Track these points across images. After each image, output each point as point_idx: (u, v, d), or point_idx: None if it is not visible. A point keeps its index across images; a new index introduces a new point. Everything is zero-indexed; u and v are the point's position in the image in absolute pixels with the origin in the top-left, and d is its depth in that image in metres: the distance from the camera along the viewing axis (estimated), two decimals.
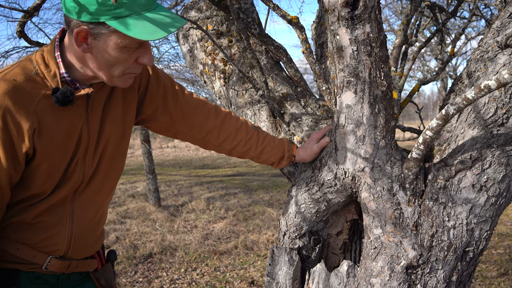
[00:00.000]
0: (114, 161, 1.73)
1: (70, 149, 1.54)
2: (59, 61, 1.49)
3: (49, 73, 1.48)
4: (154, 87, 1.80)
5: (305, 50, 2.01)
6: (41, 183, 1.51)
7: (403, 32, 2.44)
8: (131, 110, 1.74)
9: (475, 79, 1.77)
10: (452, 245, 1.67)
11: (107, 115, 1.64)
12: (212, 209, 9.04)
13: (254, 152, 1.97)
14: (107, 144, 1.66)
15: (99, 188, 1.69)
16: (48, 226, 1.58)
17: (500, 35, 1.70)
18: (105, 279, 1.83)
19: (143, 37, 1.37)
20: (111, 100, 1.66)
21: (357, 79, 1.69)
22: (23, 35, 2.14)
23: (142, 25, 1.38)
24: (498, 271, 5.18)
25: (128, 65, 1.49)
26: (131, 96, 1.73)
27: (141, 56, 1.50)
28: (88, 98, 1.55)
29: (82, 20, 1.37)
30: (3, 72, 1.46)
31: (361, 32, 1.63)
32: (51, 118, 1.47)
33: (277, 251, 1.97)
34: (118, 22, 1.37)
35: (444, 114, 1.51)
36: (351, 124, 1.75)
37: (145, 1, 1.40)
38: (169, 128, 1.89)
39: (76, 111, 1.53)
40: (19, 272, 1.59)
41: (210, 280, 5.39)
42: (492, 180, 1.66)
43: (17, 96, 1.41)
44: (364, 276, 1.75)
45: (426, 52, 15.69)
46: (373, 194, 1.75)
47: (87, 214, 1.67)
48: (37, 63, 1.48)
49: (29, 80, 1.45)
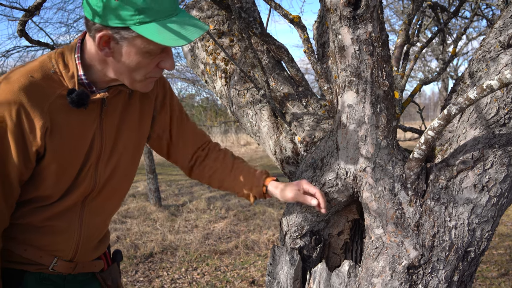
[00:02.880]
0: (128, 170, 1.72)
1: (81, 153, 1.53)
2: (78, 63, 1.48)
3: (67, 73, 1.47)
4: (167, 107, 1.81)
5: (307, 50, 2.01)
6: (50, 184, 1.50)
7: (405, 32, 2.44)
8: (146, 121, 1.74)
9: (477, 79, 1.76)
10: (453, 245, 1.67)
11: (124, 123, 1.63)
12: (213, 208, 9.04)
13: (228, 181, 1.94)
14: (123, 153, 1.65)
15: (110, 196, 1.69)
16: (56, 231, 1.58)
17: (502, 35, 1.69)
18: (111, 279, 1.83)
19: (168, 43, 1.36)
20: (128, 108, 1.65)
21: (359, 79, 1.68)
22: (24, 34, 2.14)
23: (167, 31, 1.36)
24: (498, 271, 5.18)
25: (149, 69, 1.48)
26: (148, 106, 1.72)
27: (163, 60, 1.49)
28: (102, 103, 1.54)
29: (105, 24, 1.36)
30: (21, 68, 1.45)
31: (363, 32, 1.63)
32: (63, 118, 1.46)
33: (278, 250, 1.97)
34: (143, 27, 1.35)
35: (446, 114, 1.51)
36: (352, 124, 1.74)
37: (169, 7, 1.39)
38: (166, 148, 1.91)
39: (89, 115, 1.52)
40: (24, 273, 1.59)
41: (210, 280, 5.39)
42: (494, 180, 1.66)
43: (33, 92, 1.40)
44: (366, 276, 1.75)
45: (427, 52, 15.68)
46: (374, 194, 1.74)
47: (96, 221, 1.67)
48: (56, 62, 1.48)
49: (46, 77, 1.45)
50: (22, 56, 19.95)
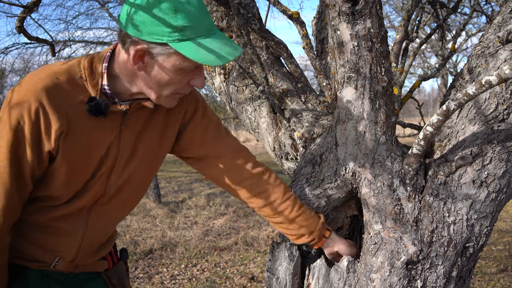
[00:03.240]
0: (140, 184, 1.72)
1: (94, 161, 1.53)
2: (104, 72, 1.47)
3: (91, 81, 1.47)
4: (198, 121, 1.75)
5: (306, 46, 2.01)
6: (59, 185, 1.50)
7: (404, 28, 2.44)
8: (169, 137, 1.70)
9: (476, 74, 1.76)
10: (452, 240, 1.68)
11: (144, 136, 1.62)
12: (212, 205, 9.05)
13: (288, 215, 1.80)
14: (138, 166, 1.64)
15: (119, 206, 1.68)
16: (60, 232, 1.58)
17: (501, 31, 1.69)
18: (117, 278, 1.81)
19: (206, 62, 1.36)
20: (150, 123, 1.63)
21: (357, 75, 1.68)
22: (22, 31, 2.14)
23: (205, 50, 1.36)
24: (497, 267, 5.19)
25: (180, 86, 1.48)
26: (172, 124, 1.69)
27: (194, 78, 1.48)
28: (124, 114, 1.53)
29: (143, 38, 1.35)
30: (49, 68, 1.46)
31: (362, 28, 1.63)
32: (81, 125, 1.46)
33: (277, 246, 1.97)
34: (181, 44, 1.35)
35: (445, 109, 1.51)
36: (351, 119, 1.74)
37: (208, 26, 1.39)
38: (200, 165, 1.82)
39: (108, 125, 1.52)
40: (27, 269, 1.60)
41: (210, 276, 5.40)
42: (493, 176, 1.66)
43: (54, 94, 1.40)
44: (364, 271, 1.75)
45: (426, 49, 15.66)
46: (373, 190, 1.75)
47: (101, 228, 1.66)
48: (83, 68, 1.47)
49: (71, 82, 1.45)
50: (21, 53, 19.89)
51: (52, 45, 2.50)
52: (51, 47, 2.52)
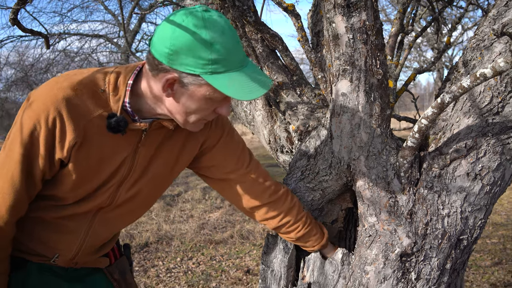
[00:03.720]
0: (150, 198, 1.72)
1: (105, 173, 1.53)
2: (127, 90, 1.46)
3: (114, 96, 1.46)
4: (221, 148, 1.74)
5: (301, 38, 2.00)
6: (67, 189, 1.51)
7: (399, 21, 2.43)
8: (186, 158, 1.70)
9: (471, 67, 1.76)
10: (446, 233, 1.68)
11: (159, 156, 1.61)
12: (208, 198, 9.05)
13: (296, 234, 1.84)
14: (149, 183, 1.64)
15: (125, 215, 1.69)
16: (63, 231, 1.59)
17: (496, 24, 1.69)
18: (118, 273, 1.82)
19: (237, 97, 1.35)
20: (168, 143, 1.62)
21: (352, 67, 1.68)
22: (16, 23, 2.12)
23: (237, 83, 1.35)
24: (492, 260, 5.21)
25: (206, 114, 1.47)
26: (192, 146, 1.68)
27: (221, 107, 1.47)
28: (143, 132, 1.53)
29: (175, 68, 1.34)
30: (73, 76, 1.45)
31: (357, 20, 1.63)
32: (97, 138, 1.46)
33: (272, 239, 1.98)
34: (213, 77, 1.34)
35: (439, 102, 1.52)
36: (346, 112, 1.74)
37: (240, 59, 1.39)
38: (218, 185, 1.82)
39: (125, 141, 1.51)
40: (27, 262, 1.61)
41: (206, 269, 5.41)
42: (487, 168, 1.67)
43: (75, 106, 1.40)
44: (359, 263, 1.76)
45: (422, 42, 15.68)
46: (368, 183, 1.75)
47: (104, 232, 1.67)
48: (108, 82, 1.46)
49: (94, 95, 1.44)
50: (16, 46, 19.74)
51: (47, 37, 2.48)
52: (46, 39, 2.50)
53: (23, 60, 15.23)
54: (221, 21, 1.35)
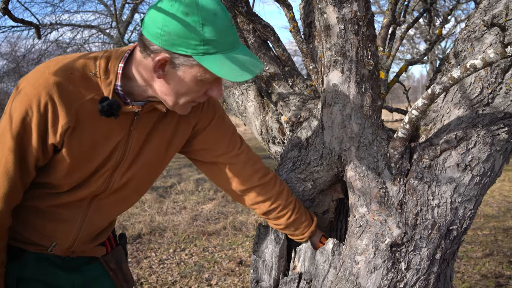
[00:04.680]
0: (145, 181, 1.72)
1: (98, 159, 1.52)
2: (119, 73, 1.46)
3: (105, 80, 1.45)
4: (213, 130, 1.74)
5: (293, 29, 2.00)
6: (60, 176, 1.50)
7: (391, 12, 2.43)
8: (179, 141, 1.70)
9: (461, 58, 1.77)
10: (436, 223, 1.69)
11: (152, 139, 1.61)
12: (201, 190, 9.06)
13: (287, 221, 1.84)
14: (143, 167, 1.63)
15: (120, 201, 1.69)
16: (59, 219, 1.59)
17: (487, 15, 1.70)
18: (114, 262, 1.82)
19: (228, 78, 1.35)
20: (161, 126, 1.62)
21: (344, 58, 1.68)
22: (7, 12, 2.10)
23: (228, 65, 1.35)
24: (483, 251, 5.25)
25: (197, 96, 1.47)
26: (184, 129, 1.68)
27: (211, 89, 1.47)
28: (135, 115, 1.52)
29: (167, 49, 1.34)
30: (64, 60, 1.45)
31: (348, 11, 1.63)
32: (90, 122, 1.45)
33: (263, 229, 1.98)
34: (205, 58, 1.34)
35: (430, 93, 1.52)
36: (337, 103, 1.75)
37: (232, 41, 1.38)
38: (209, 169, 1.82)
39: (118, 125, 1.51)
40: (24, 252, 1.61)
41: (198, 260, 5.42)
42: (477, 159, 1.68)
43: (66, 90, 1.40)
44: (349, 254, 1.77)
45: (415, 34, 15.68)
46: (358, 173, 1.75)
47: (100, 219, 1.67)
48: (99, 66, 1.46)
49: (85, 78, 1.44)
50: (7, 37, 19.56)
51: (38, 27, 2.46)
52: (37, 29, 2.48)
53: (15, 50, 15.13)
54: (214, 3, 1.35)
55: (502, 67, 1.63)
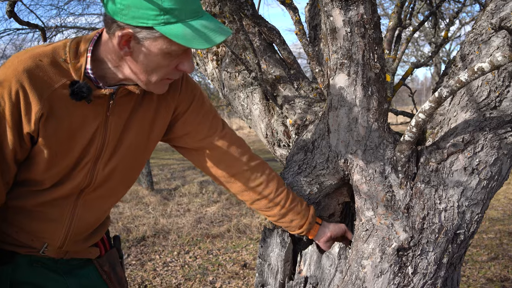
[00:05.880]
0: (130, 171, 1.69)
1: (78, 147, 1.50)
2: (88, 56, 1.45)
3: (75, 64, 1.44)
4: (193, 113, 1.71)
5: (299, 32, 1.99)
6: (42, 169, 1.49)
7: (397, 15, 2.43)
8: (160, 126, 1.67)
9: (468, 61, 1.76)
10: (443, 227, 1.68)
11: (131, 125, 1.59)
12: (205, 193, 9.06)
13: (280, 211, 1.79)
14: (125, 155, 1.61)
15: (107, 195, 1.67)
16: (46, 218, 1.57)
17: (494, 18, 1.69)
18: (108, 265, 1.80)
19: (192, 45, 1.33)
20: (140, 111, 1.60)
21: (350, 61, 1.68)
22: (13, 15, 2.11)
23: (191, 33, 1.33)
24: (488, 255, 5.23)
25: (168, 71, 1.46)
26: (164, 113, 1.66)
27: (182, 62, 1.46)
28: (110, 100, 1.51)
29: (128, 23, 1.33)
30: (33, 50, 1.44)
31: (354, 14, 1.62)
32: (64, 109, 1.44)
33: (269, 233, 1.97)
34: (167, 28, 1.32)
35: (437, 96, 1.51)
36: (344, 106, 1.74)
37: (195, 8, 1.37)
38: (194, 156, 1.79)
39: (93, 111, 1.49)
40: (16, 255, 1.59)
41: (202, 263, 5.41)
42: (484, 163, 1.67)
43: (36, 76, 1.39)
44: (356, 258, 1.76)
45: (420, 37, 15.65)
46: (365, 177, 1.75)
47: (89, 216, 1.64)
48: (69, 51, 1.45)
49: (55, 65, 1.43)
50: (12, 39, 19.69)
51: (43, 30, 2.47)
52: (42, 32, 2.49)
53: None
54: None
55: (509, 70, 1.62)
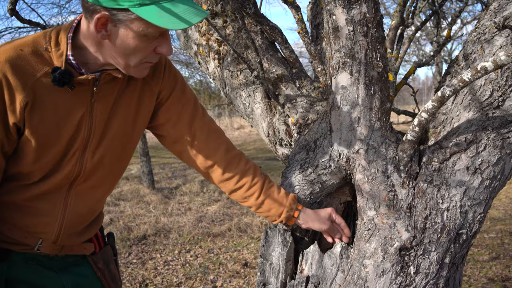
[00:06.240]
0: (119, 159, 1.69)
1: (65, 136, 1.50)
2: (68, 42, 1.45)
3: (57, 52, 1.45)
4: (175, 99, 1.73)
5: (301, 30, 1.99)
6: (30, 161, 1.49)
7: (400, 14, 2.42)
8: (145, 112, 1.68)
9: (471, 61, 1.75)
10: (445, 227, 1.68)
11: (117, 111, 1.59)
12: (206, 191, 9.06)
13: (256, 200, 1.81)
14: (113, 142, 1.61)
15: (98, 185, 1.66)
16: (38, 213, 1.56)
17: (497, 17, 1.68)
18: (102, 262, 1.80)
19: (168, 26, 1.34)
20: (124, 97, 1.60)
21: (353, 60, 1.67)
22: (14, 13, 2.11)
23: (167, 14, 1.34)
24: (489, 255, 5.23)
25: (146, 54, 1.46)
26: (148, 99, 1.67)
27: (160, 45, 1.46)
28: (94, 87, 1.51)
29: (104, 5, 1.33)
30: (16, 40, 1.44)
31: (357, 12, 1.62)
32: (48, 97, 1.44)
33: (270, 232, 1.97)
34: (142, 9, 1.33)
35: (440, 96, 1.51)
36: (346, 105, 1.74)
37: None
38: (175, 145, 1.80)
39: (78, 98, 1.49)
40: (10, 252, 1.58)
41: (203, 262, 5.41)
42: (487, 162, 1.66)
43: (18, 66, 1.39)
44: (357, 257, 1.75)
45: (421, 36, 15.65)
46: (367, 176, 1.74)
47: (81, 207, 1.64)
48: (49, 39, 1.45)
49: (36, 53, 1.43)
50: (14, 38, 19.73)
51: (45, 28, 2.47)
52: (44, 30, 2.49)
53: None
54: None
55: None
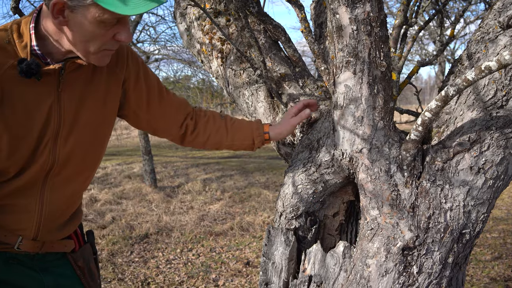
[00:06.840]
0: (92, 149, 1.69)
1: (36, 127, 1.50)
2: (31, 33, 1.46)
3: (20, 43, 1.45)
4: (141, 83, 1.78)
5: (304, 29, 1.99)
6: (5, 157, 1.48)
7: (403, 13, 2.41)
8: (114, 99, 1.70)
9: (475, 60, 1.75)
10: (448, 227, 1.67)
11: (86, 99, 1.60)
12: (208, 190, 9.06)
13: (227, 140, 1.97)
14: (84, 130, 1.62)
15: (73, 175, 1.66)
16: (16, 210, 1.56)
17: (501, 16, 1.68)
18: (82, 260, 1.79)
19: (122, 11, 1.34)
20: (91, 85, 1.61)
21: (356, 59, 1.67)
22: (17, 11, 2.11)
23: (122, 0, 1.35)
24: (492, 254, 5.22)
25: (104, 41, 1.46)
26: (115, 87, 1.69)
27: (119, 32, 1.47)
28: (60, 76, 1.51)
29: None
30: None
31: (361, 11, 1.61)
32: (16, 89, 1.45)
33: (273, 231, 1.97)
34: None
35: (443, 95, 1.50)
36: (349, 104, 1.73)
37: None
38: (148, 125, 1.89)
39: (45, 88, 1.50)
40: None
41: (205, 261, 5.41)
42: (490, 162, 1.65)
43: None
44: (360, 257, 1.75)
45: (424, 35, 15.62)
46: (370, 176, 1.74)
47: (59, 200, 1.63)
48: (11, 32, 1.46)
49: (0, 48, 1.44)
50: None
51: None
52: None
53: None
54: None
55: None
